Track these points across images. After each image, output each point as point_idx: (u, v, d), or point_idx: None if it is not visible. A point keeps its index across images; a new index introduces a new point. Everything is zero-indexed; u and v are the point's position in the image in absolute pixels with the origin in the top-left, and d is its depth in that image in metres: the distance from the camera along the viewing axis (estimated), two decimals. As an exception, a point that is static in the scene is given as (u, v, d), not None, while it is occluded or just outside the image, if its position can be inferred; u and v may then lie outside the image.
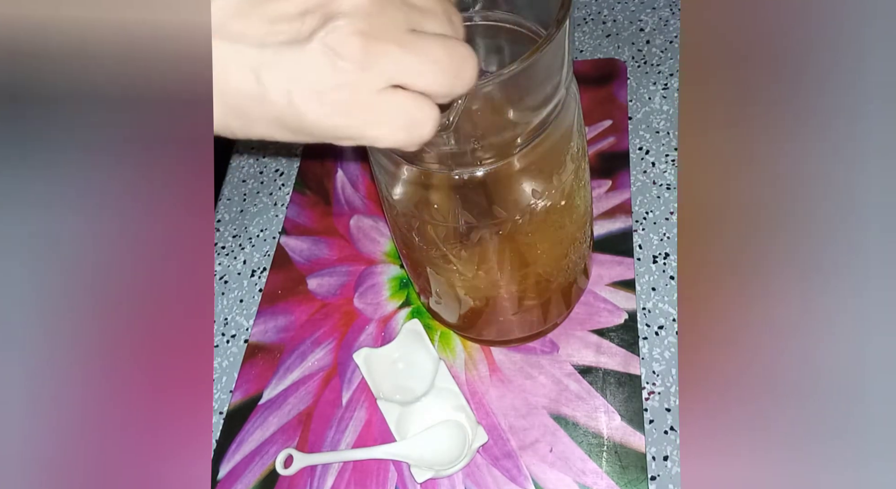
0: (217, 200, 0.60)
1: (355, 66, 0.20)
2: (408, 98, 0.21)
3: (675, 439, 0.41)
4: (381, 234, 0.54)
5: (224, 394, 0.48)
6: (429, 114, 0.22)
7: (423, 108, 0.22)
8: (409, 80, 0.21)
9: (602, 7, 0.63)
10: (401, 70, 0.21)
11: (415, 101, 0.21)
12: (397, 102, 0.21)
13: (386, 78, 0.21)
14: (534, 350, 0.45)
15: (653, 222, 0.49)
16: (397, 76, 0.21)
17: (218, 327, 0.52)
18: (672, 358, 0.43)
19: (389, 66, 0.21)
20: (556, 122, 0.30)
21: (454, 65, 0.21)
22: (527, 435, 0.42)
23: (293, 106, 0.21)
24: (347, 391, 0.46)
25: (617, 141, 0.53)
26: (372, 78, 0.21)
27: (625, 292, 0.46)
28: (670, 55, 0.58)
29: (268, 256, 0.55)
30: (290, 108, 0.21)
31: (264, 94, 0.21)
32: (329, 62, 0.20)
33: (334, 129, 0.21)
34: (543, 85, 0.28)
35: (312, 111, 0.21)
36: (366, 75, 0.20)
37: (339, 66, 0.20)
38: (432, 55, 0.21)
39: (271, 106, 0.21)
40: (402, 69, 0.21)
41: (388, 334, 0.48)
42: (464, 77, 0.22)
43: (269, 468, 0.44)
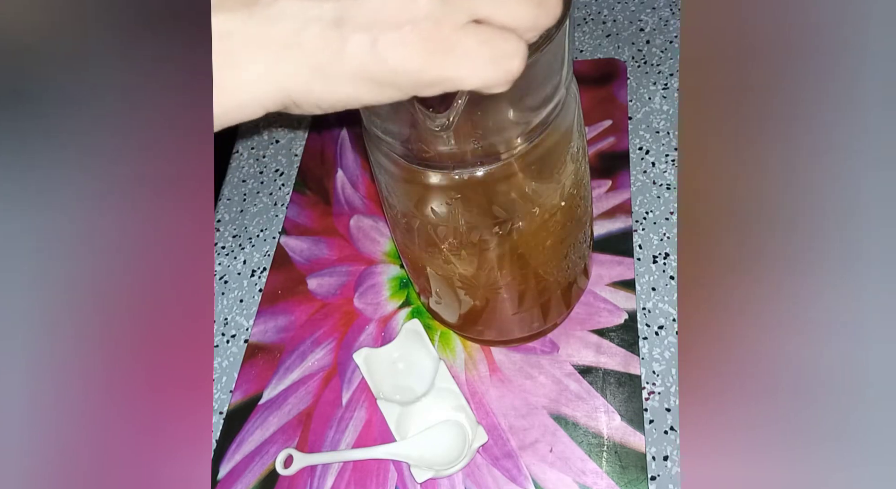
0: (217, 200, 0.60)
1: (435, 2, 0.19)
2: (493, 31, 0.20)
3: (675, 439, 0.41)
4: (381, 234, 0.54)
5: (224, 394, 0.48)
6: (516, 46, 0.21)
7: (509, 39, 0.21)
8: (490, 11, 0.20)
9: (602, 7, 0.63)
10: (483, 1, 0.20)
11: (498, 33, 0.20)
12: (482, 36, 0.20)
13: (468, 11, 0.20)
14: (534, 350, 0.45)
15: (653, 222, 0.49)
16: (480, 8, 0.20)
17: (218, 327, 0.52)
18: (672, 358, 0.43)
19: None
20: (556, 122, 0.30)
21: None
22: (527, 435, 0.42)
23: (376, 52, 0.20)
24: (347, 391, 0.46)
25: (617, 141, 0.53)
26: (453, 11, 0.20)
27: (625, 292, 0.46)
28: (670, 55, 0.58)
29: (268, 256, 0.55)
30: (373, 56, 0.20)
31: (346, 44, 0.20)
32: (407, 1, 0.19)
33: (419, 72, 0.20)
34: (543, 85, 0.28)
35: (396, 53, 0.20)
36: (446, 9, 0.20)
37: (420, 2, 0.19)
38: None
39: (354, 57, 0.20)
40: (484, 1, 0.20)
41: (388, 334, 0.48)
42: (548, 6, 0.21)
43: (269, 468, 0.44)
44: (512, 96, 0.28)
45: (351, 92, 0.21)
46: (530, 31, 0.21)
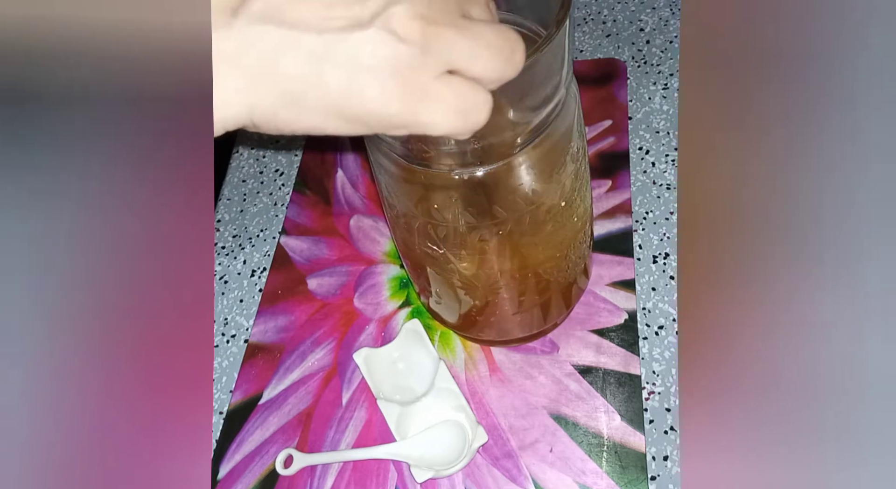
0: (217, 200, 0.60)
1: (416, 50, 0.20)
2: (463, 83, 0.21)
3: (675, 439, 0.41)
4: (381, 234, 0.54)
5: (224, 394, 0.48)
6: (484, 98, 0.22)
7: (478, 92, 0.21)
8: (465, 64, 0.21)
9: (602, 7, 0.63)
10: (458, 54, 0.21)
11: (470, 85, 0.21)
12: (454, 87, 0.21)
13: (444, 62, 0.21)
14: (534, 350, 0.45)
15: (653, 222, 0.49)
16: (454, 60, 0.21)
17: (218, 327, 0.52)
18: (672, 358, 0.43)
19: (448, 49, 0.20)
20: (556, 122, 0.30)
21: (507, 49, 0.22)
22: (527, 435, 0.42)
23: (353, 92, 0.20)
24: (347, 391, 0.46)
25: (617, 141, 0.53)
26: (431, 62, 0.20)
27: (625, 292, 0.46)
28: (670, 55, 0.58)
29: (268, 256, 0.55)
30: (349, 95, 0.20)
31: (323, 80, 0.20)
32: (391, 46, 0.20)
33: (391, 116, 0.21)
34: (543, 85, 0.28)
35: (373, 97, 0.20)
36: (426, 59, 0.20)
37: (401, 50, 0.20)
38: (486, 39, 0.21)
39: (329, 93, 0.20)
40: (459, 53, 0.21)
41: (388, 334, 0.48)
42: (515, 60, 0.22)
43: (269, 468, 0.44)
44: (512, 96, 0.28)
45: (317, 123, 0.21)
46: (495, 83, 0.22)
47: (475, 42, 0.21)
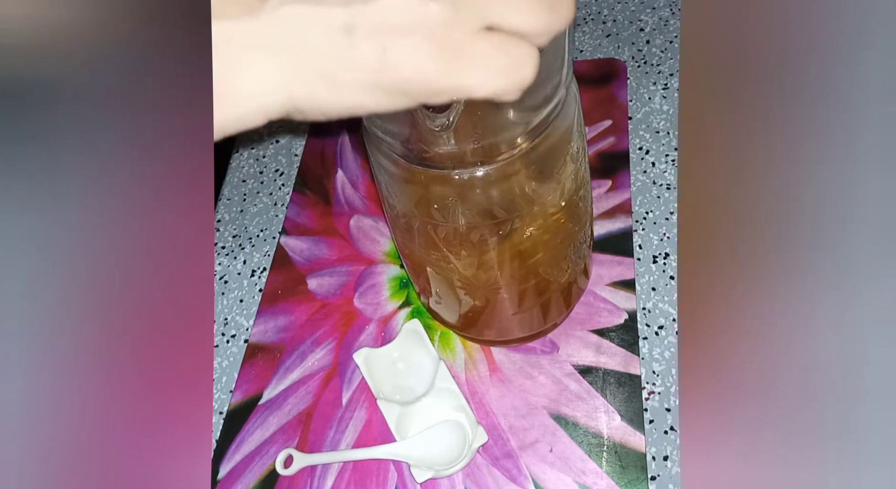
0: (217, 200, 0.60)
1: (446, 5, 0.19)
2: (505, 38, 0.20)
3: (675, 439, 0.41)
4: (381, 234, 0.54)
5: (224, 394, 0.48)
6: (528, 52, 0.20)
7: (521, 46, 0.20)
8: (503, 17, 0.20)
9: (602, 7, 0.63)
10: (495, 7, 0.19)
11: (511, 39, 0.20)
12: (494, 43, 0.20)
13: (480, 17, 0.19)
14: (534, 350, 0.45)
15: (653, 222, 0.49)
16: (491, 14, 0.20)
17: (218, 327, 0.52)
18: (672, 358, 0.43)
19: (481, 2, 0.19)
20: (556, 122, 0.30)
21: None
22: (527, 435, 0.42)
23: (387, 59, 0.19)
24: (347, 391, 0.46)
25: (617, 141, 0.53)
26: (465, 18, 0.19)
27: (625, 292, 0.46)
28: (670, 55, 0.58)
29: (268, 256, 0.55)
30: (384, 63, 0.19)
31: (356, 50, 0.19)
32: (419, 6, 0.19)
33: (430, 81, 0.20)
34: (543, 85, 0.28)
35: (408, 61, 0.19)
36: (459, 15, 0.19)
37: (431, 8, 0.19)
38: None
39: (364, 64, 0.19)
40: (496, 6, 0.19)
41: (388, 334, 0.48)
42: (561, 9, 0.20)
43: (269, 468, 0.44)
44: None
45: (358, 99, 0.20)
46: (542, 36, 0.21)
47: None
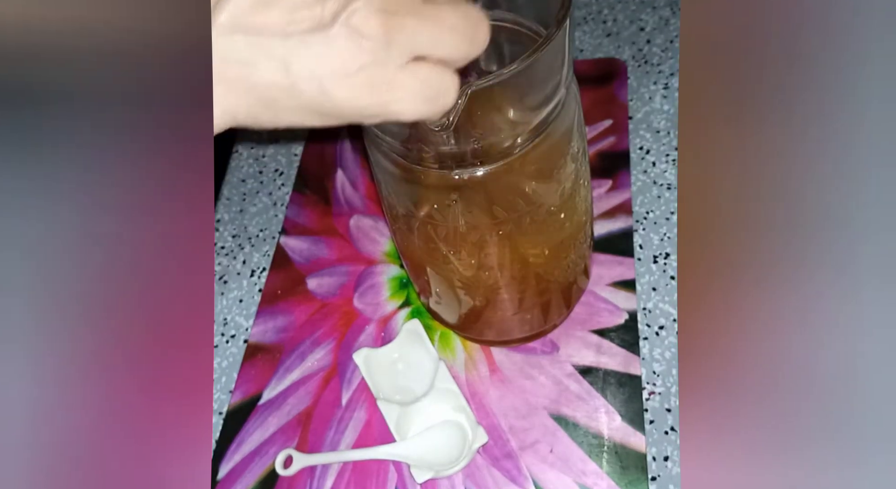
0: (217, 200, 0.60)
1: (378, 44, 0.21)
2: (429, 69, 0.22)
3: (675, 440, 0.41)
4: (381, 234, 0.54)
5: (224, 395, 0.48)
6: (450, 82, 0.22)
7: (443, 77, 0.22)
8: (428, 50, 0.22)
9: (602, 6, 0.63)
10: (420, 41, 0.21)
11: (435, 71, 0.22)
12: (420, 75, 0.22)
13: (407, 51, 0.21)
14: (534, 350, 0.45)
15: (653, 222, 0.49)
16: (417, 48, 0.21)
17: (217, 327, 0.52)
18: (673, 358, 0.43)
19: (409, 38, 0.21)
20: (556, 121, 0.30)
21: (469, 28, 0.22)
22: (527, 435, 0.42)
23: (323, 92, 0.21)
24: (347, 391, 0.46)
25: (617, 140, 0.53)
26: (394, 53, 0.21)
27: (625, 292, 0.46)
28: (671, 55, 0.58)
29: (267, 256, 0.55)
30: (321, 95, 0.21)
31: (294, 83, 0.21)
32: (354, 43, 0.20)
33: (362, 109, 0.22)
34: (543, 84, 0.28)
35: (342, 94, 0.21)
36: (389, 52, 0.21)
37: (364, 46, 0.20)
38: (448, 22, 0.22)
39: (301, 94, 0.21)
40: (421, 40, 0.21)
41: (388, 334, 0.48)
42: (479, 39, 0.22)
43: (269, 468, 0.44)
44: (512, 96, 0.28)
45: (295, 119, 0.22)
46: (461, 62, 0.23)
47: (436, 27, 0.21)
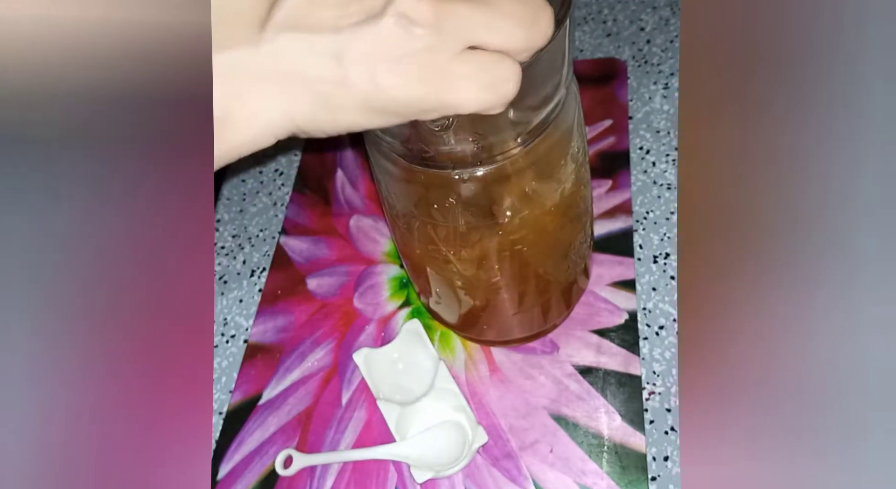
0: (217, 200, 0.60)
1: (430, 31, 0.20)
2: (487, 56, 0.21)
3: (675, 440, 0.41)
4: (381, 234, 0.54)
5: (223, 395, 0.48)
6: (511, 69, 0.21)
7: (503, 63, 0.21)
8: (484, 37, 0.21)
9: (602, 6, 0.63)
10: (475, 28, 0.20)
11: (494, 57, 0.21)
12: (477, 62, 0.21)
13: (462, 39, 0.20)
14: (534, 350, 0.45)
15: (653, 222, 0.49)
16: (473, 35, 0.21)
17: (217, 327, 0.52)
18: (673, 358, 0.43)
19: (463, 25, 0.20)
20: (556, 121, 0.30)
21: (528, 15, 0.21)
22: (527, 435, 0.42)
23: (376, 83, 0.21)
24: (347, 391, 0.46)
25: (617, 140, 0.53)
26: (448, 40, 0.20)
27: (625, 292, 0.46)
28: (671, 55, 0.58)
29: (267, 256, 0.55)
30: (374, 86, 0.21)
31: (347, 76, 0.20)
32: (404, 31, 0.20)
33: (418, 101, 0.21)
34: (544, 84, 0.28)
35: (395, 84, 0.21)
36: (442, 38, 0.20)
37: (415, 33, 0.20)
38: (504, 9, 0.21)
39: (355, 88, 0.21)
40: (476, 27, 0.20)
41: (388, 334, 0.48)
42: (541, 27, 0.21)
43: (269, 468, 0.44)
44: (512, 96, 0.28)
45: (354, 119, 0.22)
46: (524, 53, 0.22)
47: (492, 13, 0.20)
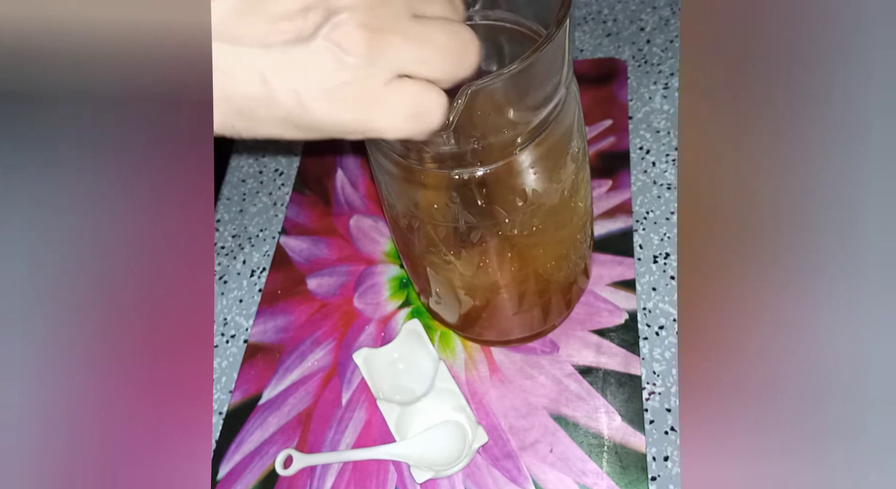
0: (217, 200, 0.60)
1: (361, 61, 0.20)
2: (414, 87, 0.21)
3: (675, 439, 0.41)
4: (381, 234, 0.54)
5: (223, 395, 0.48)
6: (436, 101, 0.22)
7: (430, 96, 0.21)
8: (414, 69, 0.21)
9: (602, 6, 0.63)
10: (406, 60, 0.21)
11: (421, 89, 0.21)
12: (404, 93, 0.21)
13: (392, 69, 0.21)
14: (534, 350, 0.45)
15: (653, 222, 0.49)
16: (402, 66, 0.21)
17: (217, 327, 0.52)
18: (673, 358, 0.43)
19: (394, 56, 0.20)
20: (556, 121, 0.30)
21: (457, 49, 0.21)
22: (527, 435, 0.42)
23: (302, 105, 0.21)
24: (347, 391, 0.46)
25: (617, 140, 0.53)
26: (378, 71, 0.20)
27: (625, 292, 0.46)
28: (671, 54, 0.58)
29: (267, 256, 0.55)
30: (299, 108, 0.21)
31: (272, 95, 0.20)
32: (335, 59, 0.20)
33: (343, 125, 0.21)
34: (543, 84, 0.28)
35: (321, 109, 0.21)
36: (372, 69, 0.20)
37: (346, 61, 0.20)
38: (435, 41, 0.21)
39: (279, 107, 0.21)
40: (406, 59, 0.21)
41: (388, 334, 0.48)
42: (467, 61, 0.22)
43: (269, 468, 0.44)
44: (512, 96, 0.28)
45: (272, 131, 0.22)
46: (448, 82, 0.22)
47: (423, 46, 0.21)
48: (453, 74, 0.22)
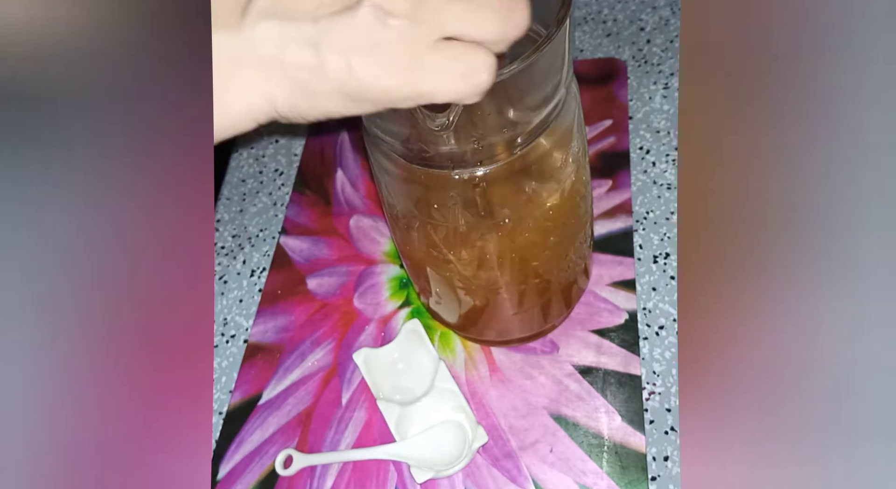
0: (217, 200, 0.60)
1: (406, 22, 0.20)
2: (462, 47, 0.21)
3: (675, 439, 0.41)
4: (381, 234, 0.54)
5: (223, 395, 0.48)
6: (485, 60, 0.21)
7: (478, 54, 0.21)
8: (461, 29, 0.21)
9: (602, 6, 0.63)
10: (451, 20, 0.21)
11: (469, 48, 0.21)
12: (452, 53, 0.21)
13: (438, 30, 0.21)
14: (534, 350, 0.45)
15: (653, 222, 0.49)
16: (448, 26, 0.21)
17: (217, 327, 0.52)
18: (673, 358, 0.43)
19: (439, 16, 0.21)
20: (556, 121, 0.30)
21: (504, 6, 0.21)
22: (527, 435, 0.42)
23: (352, 72, 0.21)
24: (347, 391, 0.46)
25: (617, 140, 0.53)
26: (424, 31, 0.21)
27: (625, 292, 0.46)
28: (671, 54, 0.58)
29: (267, 256, 0.55)
30: (350, 76, 0.21)
31: (324, 65, 0.21)
32: (380, 22, 0.20)
33: (394, 90, 0.21)
34: (544, 84, 0.28)
35: (370, 74, 0.21)
36: (417, 29, 0.20)
37: (390, 24, 0.20)
38: (479, 1, 0.21)
39: (332, 77, 0.21)
40: (452, 19, 0.21)
41: (388, 334, 0.48)
42: (516, 19, 0.22)
43: (269, 468, 0.44)
44: (512, 96, 0.28)
45: (331, 106, 0.22)
46: (499, 44, 0.22)
47: (466, 5, 0.21)
48: (502, 34, 0.21)
